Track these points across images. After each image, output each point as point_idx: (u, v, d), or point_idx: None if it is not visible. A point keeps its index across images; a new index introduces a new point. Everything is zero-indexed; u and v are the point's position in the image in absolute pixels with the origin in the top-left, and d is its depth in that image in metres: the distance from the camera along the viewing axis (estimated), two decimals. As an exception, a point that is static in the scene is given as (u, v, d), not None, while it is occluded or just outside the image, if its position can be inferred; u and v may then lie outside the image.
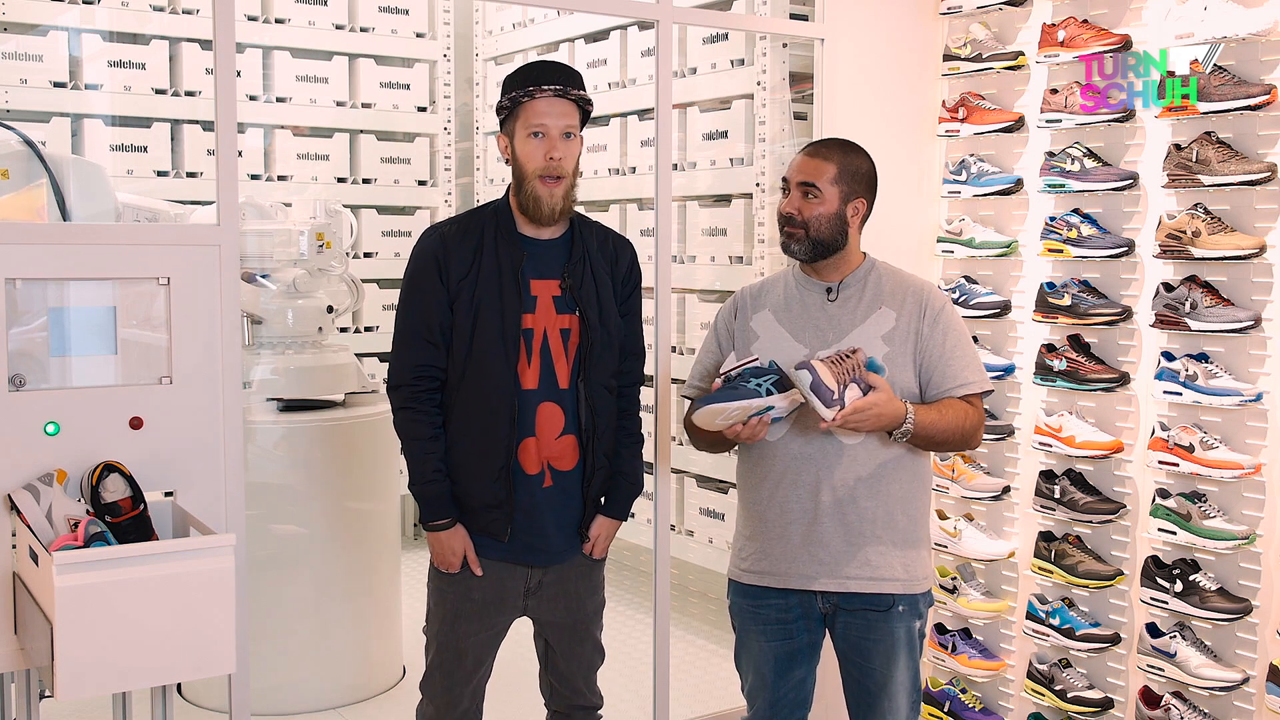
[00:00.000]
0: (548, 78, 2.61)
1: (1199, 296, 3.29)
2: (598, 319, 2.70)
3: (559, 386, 2.68)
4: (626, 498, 2.84)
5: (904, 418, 2.55)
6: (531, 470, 2.67)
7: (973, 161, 3.89)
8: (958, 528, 3.86)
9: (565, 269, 2.69)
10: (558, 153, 2.60)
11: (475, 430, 2.65)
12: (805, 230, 2.69)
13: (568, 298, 2.69)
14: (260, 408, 4.06)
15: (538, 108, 2.59)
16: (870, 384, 2.50)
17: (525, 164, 2.61)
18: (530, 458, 2.67)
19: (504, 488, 2.64)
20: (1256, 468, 3.24)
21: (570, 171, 2.64)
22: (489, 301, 2.62)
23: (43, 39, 4.87)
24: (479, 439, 2.64)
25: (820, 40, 3.80)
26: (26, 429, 2.47)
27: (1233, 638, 3.32)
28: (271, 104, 5.48)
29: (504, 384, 2.62)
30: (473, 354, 2.62)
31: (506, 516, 2.65)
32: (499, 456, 2.63)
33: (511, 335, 2.62)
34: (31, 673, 2.54)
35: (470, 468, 2.66)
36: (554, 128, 2.59)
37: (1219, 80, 3.24)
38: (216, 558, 2.27)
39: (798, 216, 2.69)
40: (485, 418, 2.63)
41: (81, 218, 2.83)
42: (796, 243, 2.71)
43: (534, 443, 2.67)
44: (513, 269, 2.64)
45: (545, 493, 2.69)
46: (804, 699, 2.84)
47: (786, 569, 2.72)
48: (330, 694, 4.09)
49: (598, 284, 2.72)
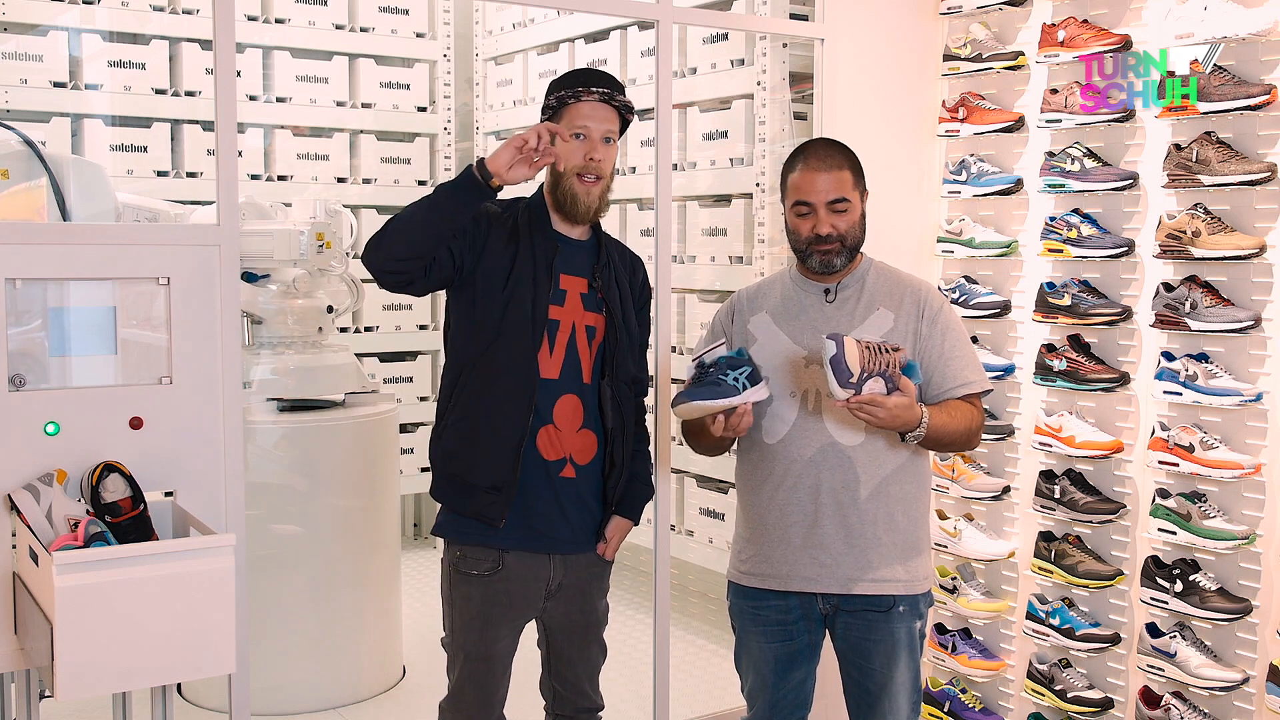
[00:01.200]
0: (594, 82, 2.69)
1: (1199, 296, 3.29)
2: (622, 322, 2.76)
3: (582, 381, 2.71)
4: (640, 500, 2.87)
5: (919, 422, 2.56)
6: (550, 456, 2.68)
7: (973, 161, 3.89)
8: (958, 528, 3.86)
9: (595, 269, 2.74)
10: (598, 154, 2.66)
11: (490, 409, 2.64)
12: (843, 243, 2.69)
13: (595, 297, 2.73)
14: (260, 408, 4.06)
15: (582, 110, 2.66)
16: (899, 386, 2.49)
17: (566, 161, 2.66)
18: (549, 445, 2.68)
19: (510, 471, 2.63)
20: (1256, 468, 3.24)
21: (608, 174, 2.71)
22: (523, 286, 2.64)
23: (43, 39, 4.87)
24: (493, 418, 2.64)
25: (820, 40, 3.80)
26: (26, 429, 2.47)
27: (1233, 638, 3.32)
28: (271, 104, 5.48)
29: (525, 369, 2.63)
30: (501, 335, 2.64)
31: (506, 501, 2.64)
32: (511, 439, 2.63)
33: (539, 323, 2.65)
34: (31, 673, 2.54)
35: (479, 445, 2.65)
36: (596, 130, 2.66)
37: (1219, 80, 3.24)
38: (216, 558, 2.27)
39: (835, 234, 2.68)
40: (501, 399, 2.64)
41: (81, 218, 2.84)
42: (836, 256, 2.70)
43: (553, 431, 2.68)
44: (546, 259, 2.68)
45: (564, 483, 2.70)
46: (804, 700, 2.84)
47: (787, 571, 2.72)
48: (330, 694, 4.09)
49: (620, 290, 2.78)
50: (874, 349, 2.49)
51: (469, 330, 2.69)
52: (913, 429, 2.55)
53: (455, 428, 2.70)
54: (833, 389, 2.45)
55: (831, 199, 2.67)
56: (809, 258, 2.72)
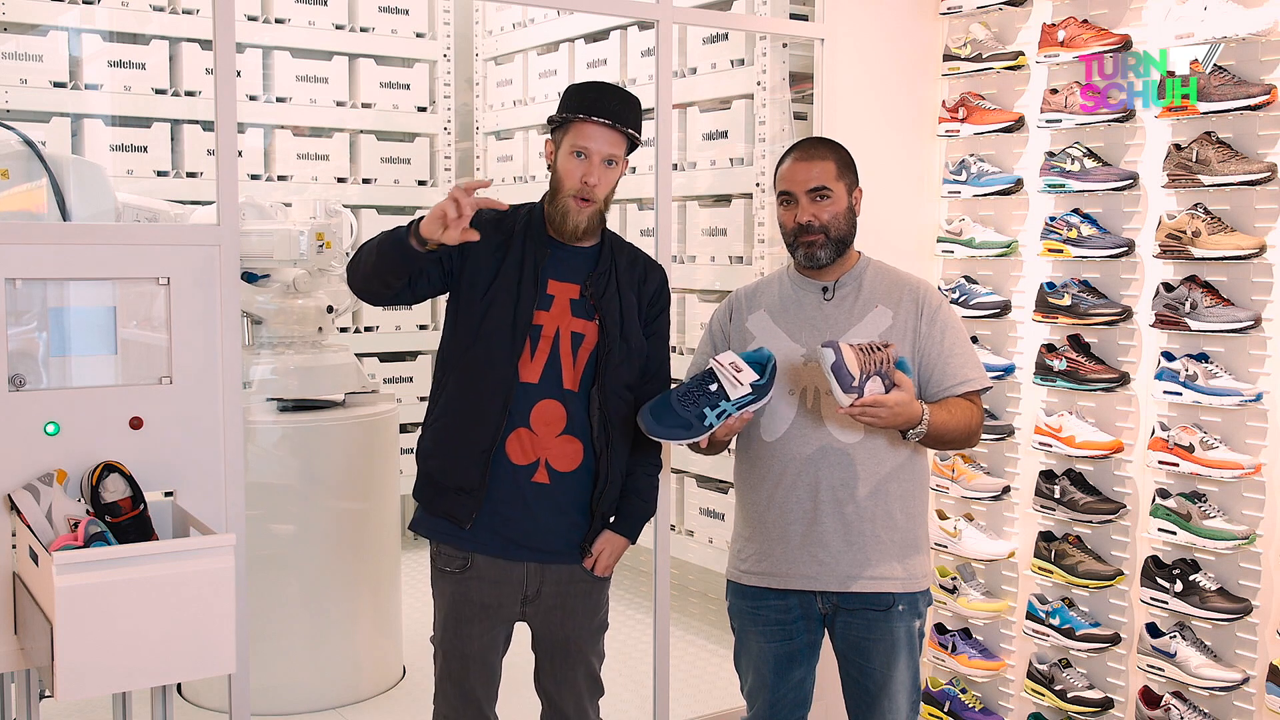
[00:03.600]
0: (603, 108, 2.65)
1: (1199, 296, 3.29)
2: (618, 331, 2.71)
3: (563, 385, 2.68)
4: (638, 517, 2.80)
5: (920, 419, 2.55)
6: (519, 461, 2.65)
7: (973, 161, 3.89)
8: (958, 528, 3.86)
9: (589, 277, 2.71)
10: (593, 178, 2.64)
11: (465, 411, 2.65)
12: (826, 234, 2.69)
13: (587, 304, 2.70)
14: (260, 408, 4.06)
15: (586, 130, 2.64)
16: (896, 382, 2.49)
17: (563, 179, 2.66)
18: (520, 449, 2.65)
19: (480, 473, 2.63)
20: (1256, 468, 3.24)
21: (602, 197, 2.68)
22: (505, 290, 2.64)
23: (43, 39, 4.87)
24: (467, 420, 2.64)
25: (820, 40, 3.80)
26: (26, 429, 2.47)
27: (1233, 638, 3.32)
28: (271, 104, 5.48)
29: (503, 372, 2.62)
30: (480, 338, 2.64)
31: (475, 503, 2.64)
32: (483, 441, 2.62)
33: (520, 327, 2.63)
34: (31, 673, 2.54)
35: (452, 447, 2.66)
36: (596, 153, 2.64)
37: (1219, 80, 3.24)
38: (216, 558, 2.27)
39: (816, 223, 2.68)
40: (476, 401, 2.63)
41: (81, 218, 2.84)
42: (820, 249, 2.69)
43: (526, 434, 2.65)
44: (534, 265, 2.66)
45: (537, 488, 2.67)
46: (803, 699, 2.84)
47: (787, 570, 2.72)
48: (330, 694, 4.09)
49: (621, 298, 2.73)
50: (869, 349, 2.49)
51: (452, 332, 2.70)
52: (914, 425, 2.55)
53: (433, 427, 2.71)
54: (838, 397, 2.45)
55: (811, 187, 2.68)
56: (795, 250, 2.73)
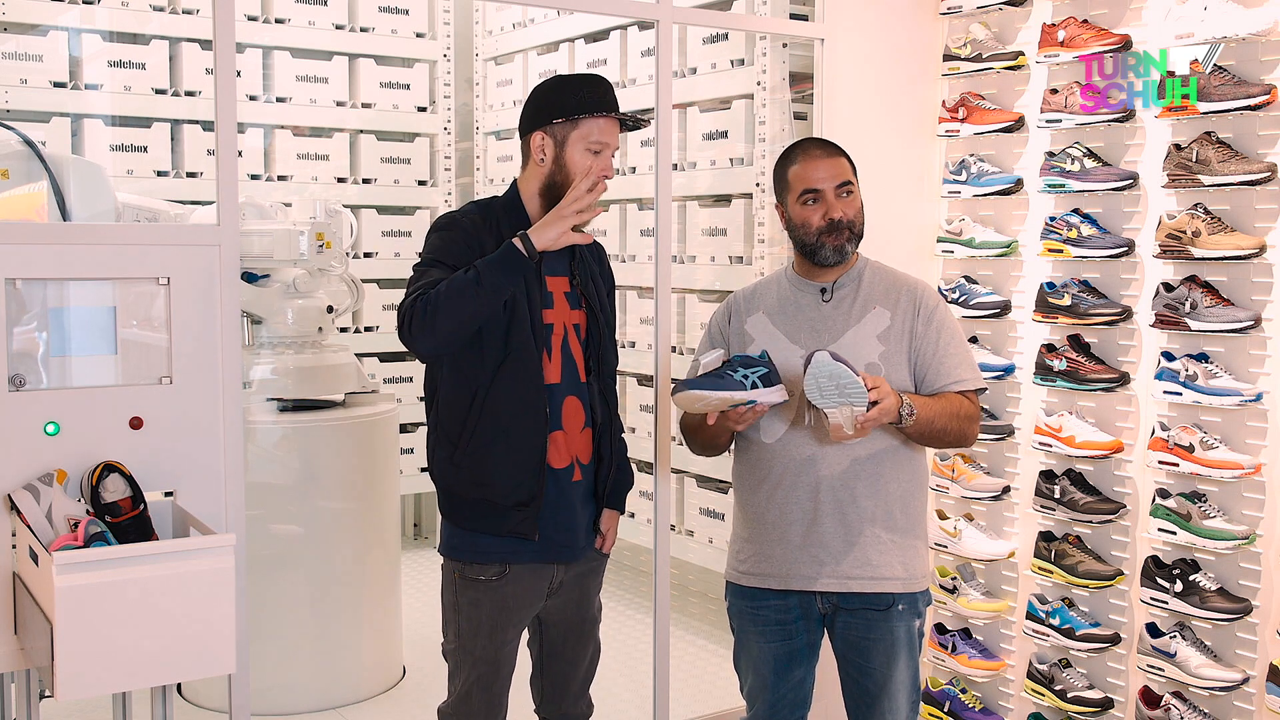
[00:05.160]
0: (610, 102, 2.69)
1: (1199, 296, 3.29)
2: (602, 314, 2.75)
3: (579, 380, 2.70)
4: (625, 488, 2.86)
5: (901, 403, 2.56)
6: (559, 464, 2.67)
7: (973, 161, 3.89)
8: (958, 528, 3.86)
9: (572, 265, 2.73)
10: (610, 172, 2.68)
11: (510, 428, 2.61)
12: (852, 229, 2.71)
13: (575, 294, 2.72)
14: (260, 408, 4.06)
15: (602, 125, 2.66)
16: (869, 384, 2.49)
17: (575, 172, 2.64)
18: (559, 452, 2.67)
19: (536, 484, 2.62)
20: (1256, 468, 3.24)
21: None
22: (519, 297, 2.61)
23: (43, 39, 4.87)
24: (515, 437, 2.61)
25: (820, 40, 3.80)
26: (26, 429, 2.47)
27: (1233, 638, 3.32)
28: (271, 104, 5.48)
29: (537, 379, 2.62)
30: (510, 351, 2.60)
31: (535, 514, 2.63)
32: (534, 453, 2.61)
33: (539, 330, 2.64)
34: (31, 673, 2.54)
35: (505, 467, 2.61)
36: (611, 146, 2.69)
37: (1219, 80, 3.24)
38: (216, 558, 2.27)
39: (845, 218, 2.70)
40: (520, 415, 2.61)
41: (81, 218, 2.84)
42: (849, 243, 2.72)
43: (562, 436, 2.67)
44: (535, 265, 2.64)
45: (574, 487, 2.69)
46: (803, 699, 2.84)
47: (787, 570, 2.72)
48: (330, 694, 4.09)
49: (595, 282, 2.78)
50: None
51: (478, 352, 2.60)
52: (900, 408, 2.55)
53: (468, 448, 2.62)
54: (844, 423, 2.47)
55: (839, 183, 2.70)
56: (820, 249, 2.70)
